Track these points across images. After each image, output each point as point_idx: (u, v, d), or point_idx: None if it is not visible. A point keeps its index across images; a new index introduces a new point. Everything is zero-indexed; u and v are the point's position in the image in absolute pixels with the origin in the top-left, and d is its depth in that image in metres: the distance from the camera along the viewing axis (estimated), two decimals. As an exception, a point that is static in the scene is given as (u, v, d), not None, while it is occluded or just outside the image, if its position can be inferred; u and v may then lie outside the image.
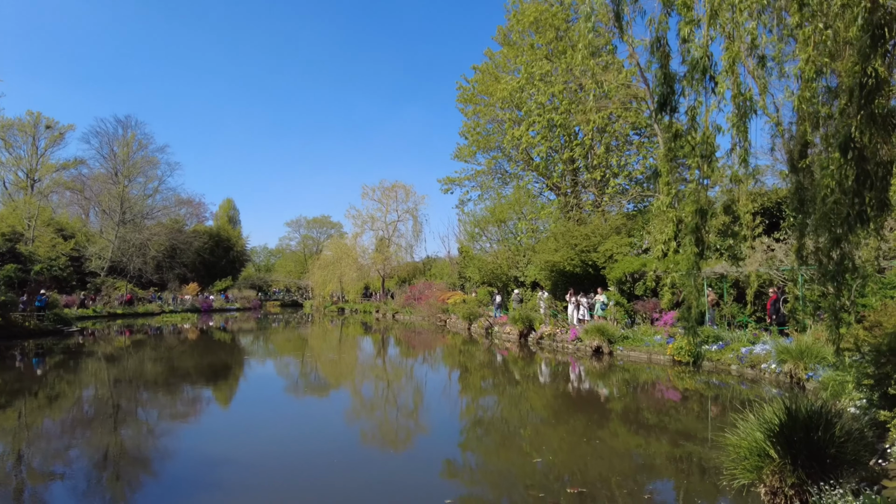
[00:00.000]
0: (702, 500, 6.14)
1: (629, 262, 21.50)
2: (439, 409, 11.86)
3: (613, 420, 10.26)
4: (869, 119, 3.44)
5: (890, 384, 6.30)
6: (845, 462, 4.31)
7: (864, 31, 3.59)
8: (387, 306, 45.55)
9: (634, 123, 30.71)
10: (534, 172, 35.42)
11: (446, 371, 17.65)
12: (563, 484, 6.66)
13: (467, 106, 37.36)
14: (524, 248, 32.19)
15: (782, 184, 20.38)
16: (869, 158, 3.59)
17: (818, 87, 4.84)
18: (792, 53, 6.73)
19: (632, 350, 17.16)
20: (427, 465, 7.74)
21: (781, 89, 10.49)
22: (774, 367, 12.23)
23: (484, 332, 26.73)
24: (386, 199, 53.35)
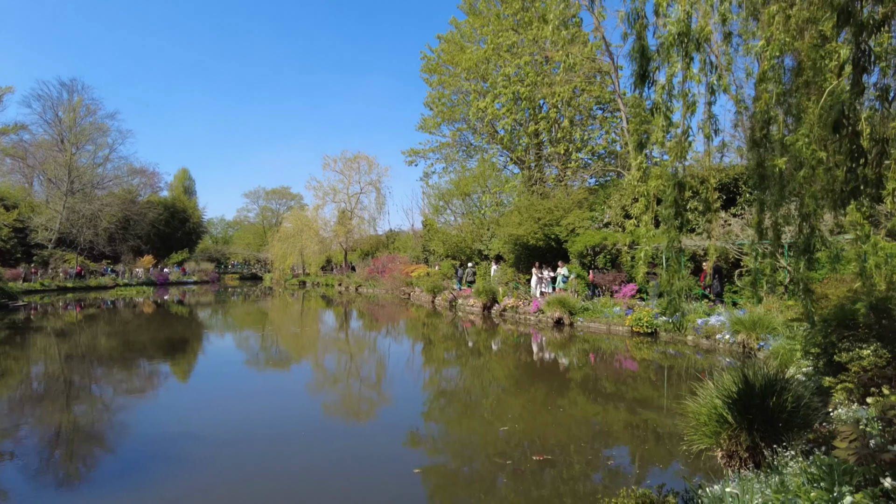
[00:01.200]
0: (659, 465, 6.36)
1: (591, 235, 21.83)
2: (403, 381, 11.90)
3: (574, 389, 10.50)
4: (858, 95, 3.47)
5: (835, 352, 6.61)
6: (795, 425, 4.52)
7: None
8: (349, 279, 45.21)
9: (598, 98, 30.89)
10: (498, 146, 35.35)
11: (410, 343, 17.70)
12: (527, 452, 6.78)
13: (432, 76, 36.79)
14: (488, 221, 32.29)
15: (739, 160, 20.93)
16: (861, 134, 3.64)
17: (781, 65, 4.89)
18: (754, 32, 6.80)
19: (592, 321, 17.55)
20: (392, 436, 7.76)
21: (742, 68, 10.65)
22: (728, 337, 12.72)
23: (448, 304, 26.87)
24: (348, 171, 52.50)
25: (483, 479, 6.20)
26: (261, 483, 5.87)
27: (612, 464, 6.47)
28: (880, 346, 5.92)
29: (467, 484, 6.11)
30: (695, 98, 4.75)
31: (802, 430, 4.32)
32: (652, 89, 4.99)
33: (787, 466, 3.66)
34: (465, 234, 33.11)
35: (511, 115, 31.55)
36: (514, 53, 30.87)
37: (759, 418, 4.53)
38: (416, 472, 6.26)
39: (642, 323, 15.46)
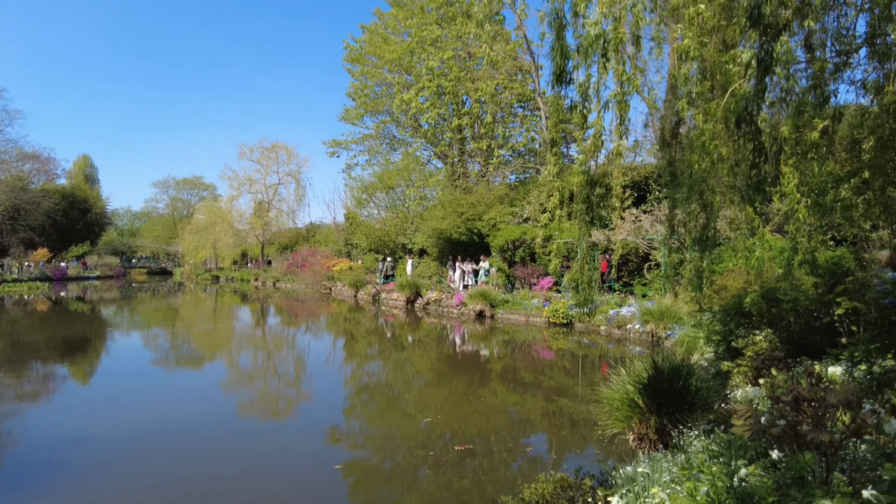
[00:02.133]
0: (575, 450, 6.59)
1: (511, 230, 22.31)
2: (323, 377, 11.61)
3: (494, 380, 10.68)
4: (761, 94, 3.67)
5: (732, 339, 7.11)
6: (699, 407, 4.82)
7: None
8: (267, 274, 43.63)
9: (520, 95, 31.54)
10: (422, 139, 35.30)
11: (331, 339, 17.33)
12: (448, 443, 6.80)
13: (355, 66, 36.10)
14: (413, 215, 32.20)
15: (650, 160, 22.11)
16: (762, 132, 3.85)
17: (692, 68, 5.14)
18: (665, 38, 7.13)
19: (512, 313, 17.97)
20: (312, 433, 7.53)
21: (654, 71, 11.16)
22: (638, 327, 13.42)
23: (371, 299, 26.58)
24: (266, 160, 50.56)
25: (405, 471, 6.15)
26: (170, 487, 5.49)
27: (531, 451, 6.62)
28: (771, 332, 6.42)
29: (389, 477, 6.03)
30: (610, 98, 4.89)
31: (705, 412, 4.62)
32: (570, 88, 5.11)
33: (691, 445, 3.89)
34: (389, 227, 32.84)
35: (435, 109, 31.59)
36: (439, 47, 30.90)
37: (667, 401, 4.79)
38: (337, 468, 6.11)
39: (558, 314, 16.01)
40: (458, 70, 30.37)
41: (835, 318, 6.02)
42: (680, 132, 6.89)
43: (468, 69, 31.09)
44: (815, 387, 2.65)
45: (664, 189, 18.11)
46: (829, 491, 2.45)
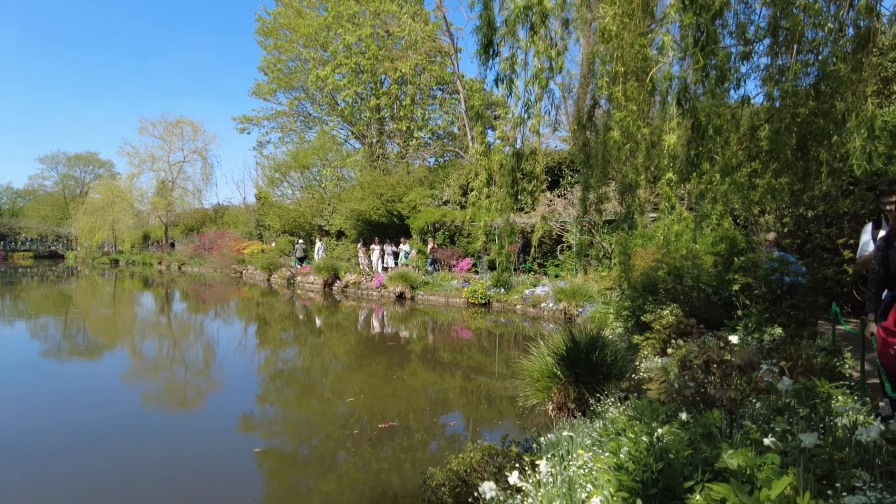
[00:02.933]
0: (497, 422, 6.71)
1: (431, 212, 22.35)
2: (235, 365, 11.08)
3: (414, 360, 10.67)
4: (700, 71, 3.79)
5: (641, 314, 7.51)
6: (614, 377, 5.06)
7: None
8: (171, 257, 41.06)
9: (439, 78, 31.45)
10: (339, 118, 34.40)
11: (242, 324, 16.59)
12: (367, 426, 6.71)
13: (267, 39, 34.43)
14: (329, 196, 31.41)
15: (563, 146, 22.85)
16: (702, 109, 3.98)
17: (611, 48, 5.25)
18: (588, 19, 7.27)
19: (432, 294, 18.08)
20: (224, 422, 7.15)
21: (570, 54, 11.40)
22: (552, 305, 13.92)
23: (286, 282, 25.73)
24: (169, 136, 47.30)
25: (324, 455, 6.00)
26: (68, 490, 5.01)
27: (454, 426, 6.67)
28: (676, 306, 6.85)
29: (307, 462, 5.86)
30: (536, 71, 4.91)
31: (619, 381, 4.85)
32: (496, 60, 5.08)
33: (608, 412, 4.06)
34: (305, 208, 31.85)
35: (352, 87, 30.83)
36: (356, 24, 30.09)
37: (584, 371, 4.99)
38: (253, 455, 5.85)
39: (477, 295, 16.29)
40: (376, 48, 29.77)
41: (732, 293, 6.52)
42: (595, 115, 7.11)
43: (387, 48, 30.56)
44: (723, 349, 2.82)
45: (577, 173, 18.89)
46: (733, 443, 2.62)
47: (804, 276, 6.59)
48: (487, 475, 3.13)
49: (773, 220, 11.31)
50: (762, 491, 2.04)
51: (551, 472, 2.54)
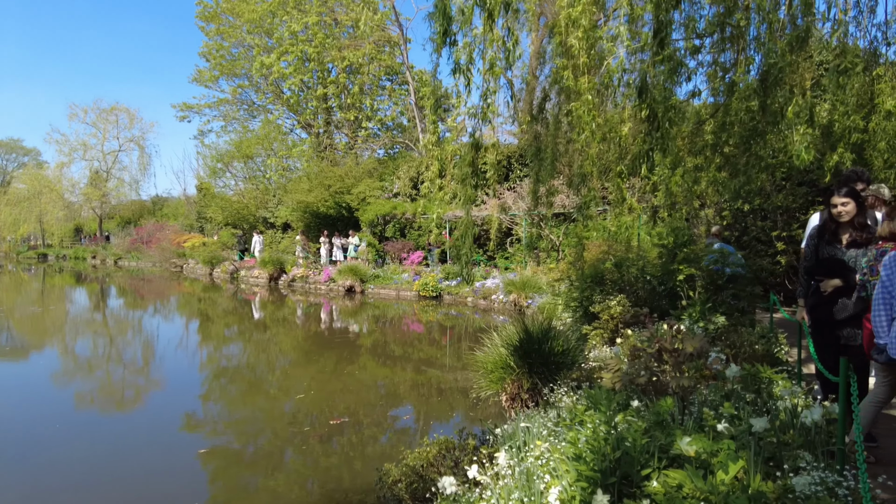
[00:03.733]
0: (450, 414, 6.69)
1: (381, 204, 22.10)
2: (176, 362, 10.60)
3: (364, 355, 10.52)
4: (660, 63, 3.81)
5: (589, 304, 7.65)
6: (566, 366, 5.11)
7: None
8: (106, 251, 38.98)
9: (388, 68, 31.05)
10: (284, 107, 33.43)
11: (183, 321, 15.92)
12: (315, 423, 6.55)
13: (209, 24, 32.99)
14: (275, 187, 30.53)
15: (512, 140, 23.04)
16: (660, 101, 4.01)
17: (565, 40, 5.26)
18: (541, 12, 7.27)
19: (382, 288, 17.91)
20: (165, 422, 6.81)
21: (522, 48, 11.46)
22: (502, 297, 14.05)
23: (229, 277, 24.88)
24: (103, 124, 44.81)
25: (270, 454, 5.81)
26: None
27: (407, 420, 6.60)
28: (623, 297, 7.01)
29: (253, 461, 5.65)
30: (492, 61, 4.85)
31: (570, 371, 4.90)
32: (452, 50, 4.99)
33: (561, 402, 4.09)
34: (249, 200, 30.86)
35: (298, 76, 29.99)
36: (302, 10, 29.28)
37: (538, 362, 5.02)
38: (198, 456, 5.60)
39: (428, 288, 16.25)
40: (323, 37, 29.06)
41: (676, 283, 6.72)
42: (546, 108, 7.15)
43: (334, 36, 29.90)
44: (675, 338, 2.87)
45: (525, 167, 19.11)
46: (686, 429, 2.66)
47: (743, 268, 6.88)
48: (444, 469, 3.09)
49: (712, 213, 11.78)
50: (717, 475, 2.07)
51: (509, 463, 2.52)
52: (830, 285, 3.75)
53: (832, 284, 3.75)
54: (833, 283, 3.75)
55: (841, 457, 2.49)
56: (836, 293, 3.73)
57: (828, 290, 3.76)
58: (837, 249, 3.82)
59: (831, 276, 3.77)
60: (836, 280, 3.74)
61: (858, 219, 3.79)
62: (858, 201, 3.81)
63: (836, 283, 3.74)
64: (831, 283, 3.75)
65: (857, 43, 5.11)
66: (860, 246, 3.75)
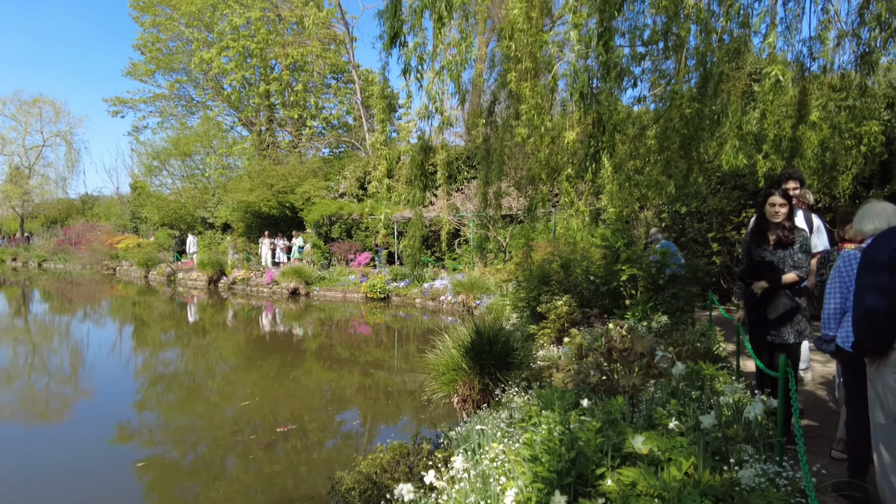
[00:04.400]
0: (399, 419, 6.61)
1: (327, 205, 21.70)
2: (108, 370, 10.01)
3: (311, 359, 10.29)
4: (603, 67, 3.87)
5: (537, 305, 7.76)
6: (516, 366, 5.15)
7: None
8: (29, 253, 36.44)
9: (333, 66, 30.58)
10: (225, 104, 32.32)
11: (116, 326, 15.08)
12: (258, 428, 6.34)
13: (144, 15, 31.47)
14: (214, 186, 29.44)
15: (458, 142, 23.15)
16: (603, 104, 4.05)
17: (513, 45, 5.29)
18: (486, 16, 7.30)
19: (328, 290, 17.58)
20: (96, 434, 6.41)
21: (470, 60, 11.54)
22: (451, 298, 14.07)
23: (165, 279, 23.80)
24: (24, 117, 41.99)
25: (211, 463, 5.57)
26: None
27: (357, 425, 6.49)
28: (570, 297, 7.15)
29: (193, 471, 5.40)
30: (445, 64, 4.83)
31: (520, 370, 4.95)
32: (402, 50, 4.93)
33: (512, 402, 4.12)
34: (187, 199, 29.62)
35: (240, 72, 29.06)
36: (244, 5, 28.41)
37: (489, 363, 5.04)
38: (132, 468, 5.30)
39: (376, 289, 16.08)
40: (266, 32, 28.29)
41: (619, 283, 6.92)
42: (496, 111, 7.20)
43: (278, 32, 29.17)
44: (625, 338, 2.93)
45: (472, 168, 19.24)
46: (636, 427, 2.73)
47: (683, 268, 7.16)
48: (399, 475, 3.03)
49: (651, 215, 12.23)
50: (668, 471, 2.12)
51: (465, 467, 2.49)
52: (759, 287, 3.88)
53: (760, 286, 3.87)
54: (760, 284, 3.87)
55: (780, 449, 2.61)
56: (766, 293, 3.86)
57: (758, 291, 3.88)
58: (766, 251, 3.94)
59: (759, 278, 3.89)
60: (763, 282, 3.85)
61: (787, 220, 3.92)
62: (791, 204, 3.95)
63: (762, 284, 3.85)
64: (759, 284, 3.88)
65: (785, 56, 5.42)
66: (785, 246, 3.87)
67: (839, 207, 8.52)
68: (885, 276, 2.61)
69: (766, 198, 3.96)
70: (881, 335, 2.59)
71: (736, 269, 4.10)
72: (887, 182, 9.13)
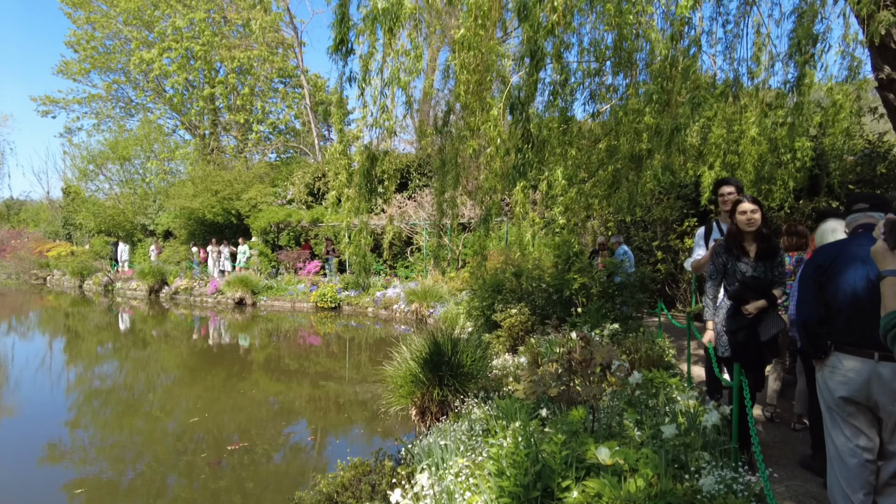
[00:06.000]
0: (357, 433, 6.48)
1: (274, 212, 21.16)
2: (36, 387, 9.36)
3: (256, 371, 9.96)
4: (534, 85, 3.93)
5: (491, 313, 7.81)
6: (473, 377, 5.14)
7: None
8: (-55, 261, 33.87)
9: (281, 70, 29.98)
10: (166, 106, 31.06)
11: (45, 339, 14.16)
12: (202, 442, 6.06)
13: (77, 11, 29.87)
14: (155, 191, 28.20)
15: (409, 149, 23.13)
16: (532, 119, 4.10)
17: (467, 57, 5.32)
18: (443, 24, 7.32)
19: (276, 300, 17.11)
20: (22, 455, 5.97)
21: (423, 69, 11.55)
22: (404, 307, 13.97)
23: (102, 289, 22.58)
24: (-58, 115, 39.00)
25: (150, 481, 5.28)
26: None
27: (313, 441, 6.30)
28: (524, 305, 7.23)
29: (129, 491, 5.10)
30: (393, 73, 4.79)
31: (477, 381, 4.94)
32: (352, 59, 4.87)
33: (472, 413, 4.09)
34: (125, 205, 28.23)
35: (182, 74, 28.02)
36: (188, 6, 27.48)
37: (447, 374, 5.00)
38: (64, 489, 4.95)
39: (326, 298, 15.78)
40: (211, 34, 27.43)
41: (572, 292, 7.04)
42: (450, 121, 7.22)
43: (223, 35, 28.36)
44: (585, 349, 2.96)
45: (424, 176, 19.22)
46: (597, 436, 2.75)
47: (632, 275, 7.37)
48: (362, 494, 2.94)
49: (598, 224, 12.55)
50: (633, 481, 2.15)
51: (430, 482, 2.45)
52: (756, 307, 3.44)
53: (757, 306, 3.44)
54: (759, 304, 3.44)
55: (735, 455, 2.70)
56: (759, 312, 3.46)
57: (753, 312, 3.45)
58: (748, 265, 3.54)
59: (754, 297, 3.47)
60: (762, 301, 3.45)
61: (764, 228, 3.54)
62: (763, 209, 3.57)
63: (761, 304, 3.44)
64: (756, 304, 3.44)
65: (727, 75, 5.69)
66: (767, 257, 3.53)
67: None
68: (813, 287, 2.81)
69: (735, 207, 3.58)
70: (816, 340, 2.76)
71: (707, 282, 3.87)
72: (815, 194, 9.72)
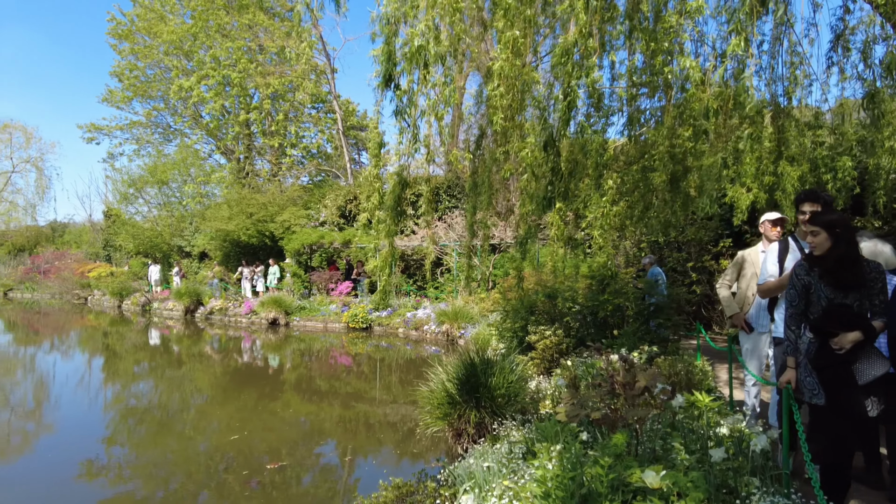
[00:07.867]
0: (395, 454, 6.47)
1: (307, 233, 21.55)
2: (75, 404, 9.62)
3: (290, 391, 10.05)
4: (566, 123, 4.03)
5: (524, 334, 7.77)
6: (511, 399, 5.11)
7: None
8: (-6, 281, 35.35)
9: (314, 96, 30.74)
10: (203, 131, 32.12)
11: (85, 357, 14.59)
12: (232, 463, 6.13)
13: (122, 43, 31.29)
14: (191, 214, 29.03)
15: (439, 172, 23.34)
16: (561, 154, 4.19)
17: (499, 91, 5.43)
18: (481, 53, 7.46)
19: (308, 320, 17.32)
20: (59, 472, 6.12)
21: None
22: (434, 328, 13.99)
23: (140, 309, 23.21)
24: (-7, 143, 41.12)
25: (182, 501, 5.35)
26: None
27: (354, 459, 6.31)
28: (558, 326, 7.17)
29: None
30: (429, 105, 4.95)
31: (514, 402, 4.91)
32: (394, 93, 5.04)
33: (510, 436, 4.07)
34: (163, 227, 29.13)
35: (219, 101, 28.98)
36: (226, 35, 28.55)
37: (485, 396, 4.99)
38: None
39: (358, 319, 15.90)
40: (247, 62, 28.40)
41: (607, 313, 6.97)
42: (483, 144, 7.33)
43: (258, 63, 29.32)
44: (629, 372, 2.94)
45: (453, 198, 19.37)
46: (641, 460, 2.71)
47: (664, 297, 7.26)
48: (406, 515, 2.95)
49: (630, 244, 12.42)
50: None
51: (473, 505, 2.45)
52: (849, 340, 2.99)
53: (851, 340, 2.99)
54: (852, 337, 2.99)
55: (787, 481, 2.63)
56: (853, 349, 3.00)
57: (846, 346, 3.00)
58: (838, 292, 3.07)
59: (847, 328, 3.01)
60: (857, 333, 3.00)
61: (835, 250, 3.05)
62: (833, 231, 3.07)
63: (856, 336, 2.99)
64: (849, 337, 2.99)
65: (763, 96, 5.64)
66: (853, 287, 3.06)
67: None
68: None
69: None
70: None
71: (788, 312, 3.23)
72: (858, 214, 9.46)
